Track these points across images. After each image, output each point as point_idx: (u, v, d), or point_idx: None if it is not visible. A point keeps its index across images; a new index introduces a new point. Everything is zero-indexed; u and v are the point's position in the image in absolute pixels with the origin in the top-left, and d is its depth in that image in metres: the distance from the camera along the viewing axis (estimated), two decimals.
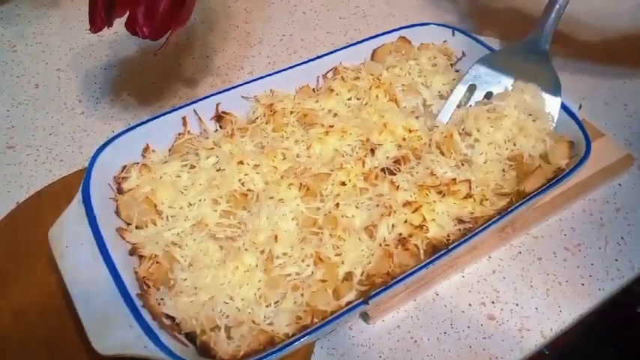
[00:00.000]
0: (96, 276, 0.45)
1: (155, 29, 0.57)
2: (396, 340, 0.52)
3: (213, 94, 0.60)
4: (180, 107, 0.59)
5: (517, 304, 0.55)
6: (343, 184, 0.55)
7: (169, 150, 0.59)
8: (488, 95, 0.63)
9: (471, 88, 0.64)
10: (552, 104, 0.59)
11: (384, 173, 0.56)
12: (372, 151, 0.58)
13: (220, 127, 0.61)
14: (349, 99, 0.64)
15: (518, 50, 0.64)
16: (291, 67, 0.64)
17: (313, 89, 0.66)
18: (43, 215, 0.51)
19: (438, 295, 0.56)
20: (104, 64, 0.80)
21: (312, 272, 0.49)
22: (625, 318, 0.79)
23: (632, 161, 0.66)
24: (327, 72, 0.67)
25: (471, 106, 0.63)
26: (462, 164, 0.57)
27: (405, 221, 0.51)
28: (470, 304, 0.55)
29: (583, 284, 0.57)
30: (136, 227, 0.51)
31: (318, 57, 0.66)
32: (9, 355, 0.49)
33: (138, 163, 0.56)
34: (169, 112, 0.58)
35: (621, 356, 0.85)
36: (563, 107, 0.59)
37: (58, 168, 0.66)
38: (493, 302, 0.55)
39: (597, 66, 0.80)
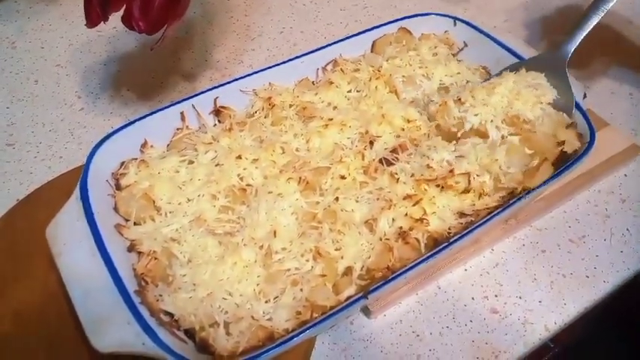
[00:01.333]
0: (94, 273, 0.45)
1: (151, 23, 0.56)
2: (398, 334, 0.52)
3: (211, 89, 0.60)
4: (178, 102, 0.58)
5: (520, 297, 0.54)
6: (343, 177, 0.54)
7: (168, 145, 0.58)
8: None
9: None
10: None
11: (382, 164, 0.55)
12: (372, 143, 0.57)
13: (219, 121, 0.61)
14: (349, 91, 0.64)
15: (539, 61, 0.62)
16: (289, 60, 0.63)
17: (313, 82, 0.65)
18: (42, 213, 0.51)
19: (440, 288, 0.55)
20: (103, 59, 0.79)
21: (312, 267, 0.48)
22: (631, 310, 0.78)
23: (638, 151, 0.65)
24: (327, 64, 0.66)
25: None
26: (458, 140, 0.56)
27: (406, 214, 0.50)
28: (473, 298, 0.54)
29: (588, 276, 0.56)
30: (135, 223, 0.51)
31: (317, 49, 0.65)
32: (9, 355, 0.48)
33: (136, 159, 0.55)
34: (167, 107, 0.58)
35: (629, 349, 0.84)
36: None
37: (58, 164, 0.66)
38: (496, 295, 0.54)
39: (604, 56, 0.79)
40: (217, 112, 0.60)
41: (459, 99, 0.58)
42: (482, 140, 0.56)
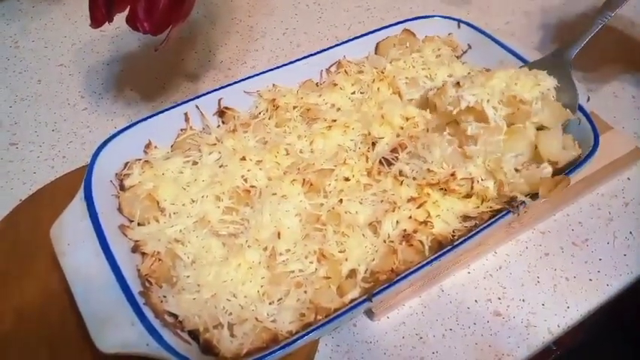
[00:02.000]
0: (98, 274, 0.45)
1: (156, 24, 0.56)
2: (401, 336, 0.52)
3: (215, 90, 0.60)
4: (182, 103, 0.58)
5: (523, 300, 0.54)
6: (347, 179, 0.54)
7: (171, 146, 0.58)
8: None
9: None
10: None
11: (383, 165, 0.55)
12: (374, 144, 0.57)
13: (223, 122, 0.61)
14: (353, 93, 0.64)
15: (542, 64, 0.61)
16: (293, 62, 0.63)
17: (316, 83, 0.65)
18: (45, 213, 0.51)
19: (443, 291, 0.55)
20: (107, 59, 0.79)
21: (316, 269, 0.48)
22: (634, 313, 0.78)
23: None
24: (331, 66, 0.66)
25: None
26: (458, 124, 0.55)
27: (410, 217, 0.50)
28: (476, 301, 0.54)
29: (591, 280, 0.56)
30: (139, 224, 0.51)
31: (321, 51, 0.65)
32: (11, 354, 0.48)
33: (140, 160, 0.55)
34: (171, 108, 0.58)
35: (633, 352, 0.84)
36: None
37: (61, 164, 0.66)
38: (499, 298, 0.54)
39: (606, 59, 0.79)
40: (221, 113, 0.60)
41: (458, 83, 0.57)
42: (484, 124, 0.54)
